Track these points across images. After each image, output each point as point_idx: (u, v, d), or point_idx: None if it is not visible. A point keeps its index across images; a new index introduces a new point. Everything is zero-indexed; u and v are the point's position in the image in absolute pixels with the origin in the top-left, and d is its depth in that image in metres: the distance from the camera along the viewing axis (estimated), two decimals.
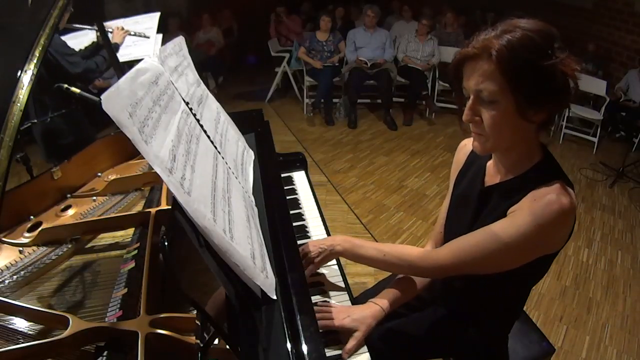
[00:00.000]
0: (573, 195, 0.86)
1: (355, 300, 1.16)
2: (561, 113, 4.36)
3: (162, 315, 0.92)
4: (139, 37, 2.54)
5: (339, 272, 1.24)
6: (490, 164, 1.02)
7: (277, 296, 0.91)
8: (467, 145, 1.12)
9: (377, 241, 2.85)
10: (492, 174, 1.00)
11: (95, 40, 2.47)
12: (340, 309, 1.06)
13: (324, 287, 1.18)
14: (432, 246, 1.22)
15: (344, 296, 1.16)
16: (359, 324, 1.02)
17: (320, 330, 0.99)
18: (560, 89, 0.81)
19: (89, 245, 1.27)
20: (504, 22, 0.82)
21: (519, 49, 0.78)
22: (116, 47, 2.43)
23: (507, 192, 0.93)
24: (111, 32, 2.45)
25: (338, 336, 1.03)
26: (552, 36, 0.81)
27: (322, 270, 1.24)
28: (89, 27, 2.39)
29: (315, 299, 1.13)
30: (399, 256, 1.07)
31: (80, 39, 2.49)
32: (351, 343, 0.99)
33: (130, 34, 2.51)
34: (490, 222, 0.92)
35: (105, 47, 2.16)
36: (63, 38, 2.29)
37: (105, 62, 2.38)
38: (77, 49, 2.39)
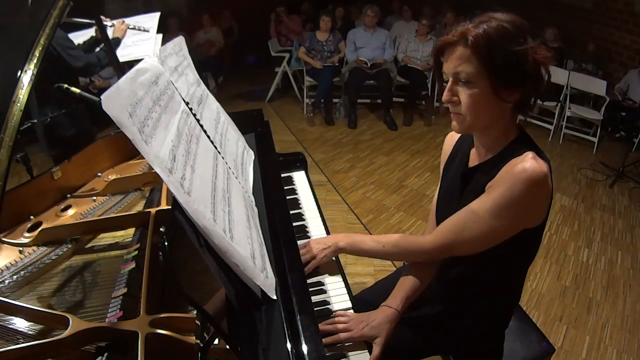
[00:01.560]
0: (545, 164, 0.89)
1: (355, 300, 1.16)
2: (561, 113, 4.39)
3: (162, 315, 0.92)
4: (139, 31, 2.53)
5: (339, 272, 1.24)
6: (473, 149, 1.07)
7: (277, 296, 0.91)
8: (453, 136, 1.18)
9: None
10: (474, 157, 1.06)
11: (94, 35, 2.47)
12: (356, 318, 1.06)
13: (323, 286, 1.18)
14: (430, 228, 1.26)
15: (344, 296, 1.16)
16: (378, 330, 1.03)
17: (347, 344, 1.02)
18: (532, 72, 0.87)
19: (89, 245, 1.27)
20: (481, 15, 0.90)
21: (494, 35, 0.85)
22: (117, 41, 2.43)
23: (486, 170, 0.98)
24: (112, 27, 2.45)
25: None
26: (524, 27, 0.88)
27: (322, 269, 1.24)
28: (88, 21, 2.39)
29: (316, 299, 1.13)
30: (396, 244, 1.12)
31: (80, 34, 2.49)
32: (376, 350, 1.01)
33: (130, 28, 2.51)
34: (471, 200, 0.97)
35: (104, 43, 2.15)
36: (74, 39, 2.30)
37: (107, 57, 2.37)
38: (76, 43, 2.39)
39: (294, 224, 1.34)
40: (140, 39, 2.57)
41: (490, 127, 0.96)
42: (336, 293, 1.17)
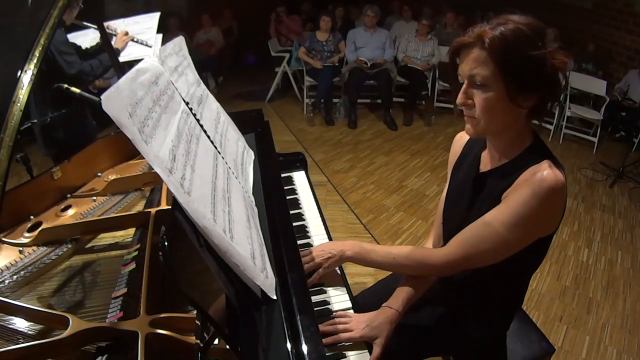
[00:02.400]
0: (562, 172, 0.89)
1: (355, 300, 1.16)
2: (561, 113, 4.38)
3: (162, 315, 0.92)
4: (141, 45, 2.50)
5: (339, 272, 1.23)
6: (484, 152, 1.05)
7: (277, 296, 0.91)
8: (462, 137, 1.15)
9: (377, 242, 2.85)
10: (486, 161, 1.04)
11: (99, 41, 2.45)
12: (357, 319, 1.04)
13: (323, 286, 1.18)
14: (432, 240, 1.25)
15: (344, 296, 1.16)
16: (379, 331, 1.02)
17: (348, 344, 1.01)
18: (549, 78, 0.85)
19: (89, 245, 1.27)
20: (498, 17, 0.88)
21: (511, 38, 0.83)
22: (117, 52, 2.41)
23: (500, 176, 0.96)
24: (115, 35, 2.44)
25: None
26: (542, 30, 0.86)
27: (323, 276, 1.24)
28: (91, 25, 2.37)
29: (316, 299, 1.13)
30: (408, 257, 1.08)
31: (86, 37, 2.48)
32: (376, 351, 1.00)
33: (133, 40, 2.49)
34: (485, 207, 0.95)
35: (105, 49, 2.15)
36: (70, 35, 2.28)
37: (101, 66, 2.34)
38: (82, 47, 2.38)
39: (294, 224, 1.34)
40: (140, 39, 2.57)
41: (504, 131, 0.94)
42: (336, 293, 1.17)
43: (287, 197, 1.45)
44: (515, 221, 0.88)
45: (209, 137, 1.04)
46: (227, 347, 0.78)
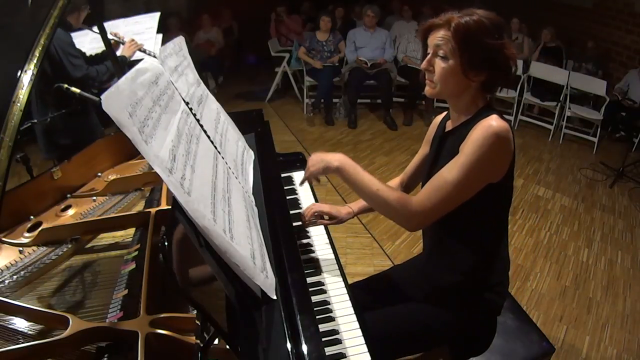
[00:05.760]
0: (506, 123, 1.04)
1: (351, 295, 1.17)
2: (561, 113, 4.39)
3: (162, 315, 0.92)
4: (147, 55, 2.42)
5: (339, 272, 1.24)
6: (449, 121, 1.23)
7: (277, 296, 0.91)
8: (437, 119, 1.33)
9: (377, 241, 2.85)
10: (450, 124, 1.22)
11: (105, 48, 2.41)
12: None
13: (323, 286, 1.18)
14: (399, 180, 1.46)
15: (344, 296, 1.16)
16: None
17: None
18: (499, 63, 1.04)
19: (89, 245, 1.27)
20: (466, 9, 1.06)
21: (472, 26, 1.03)
22: (124, 60, 2.38)
23: (458, 132, 1.13)
24: (122, 43, 2.40)
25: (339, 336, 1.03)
26: (501, 25, 1.06)
27: (322, 269, 1.24)
28: (97, 31, 2.34)
29: (316, 298, 1.13)
30: (390, 193, 1.11)
31: (92, 44, 2.46)
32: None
33: (140, 50, 2.43)
34: (448, 160, 1.08)
35: (108, 54, 2.13)
36: (76, 39, 2.26)
37: (107, 72, 2.30)
38: (88, 54, 2.36)
39: (294, 224, 1.34)
40: (140, 39, 2.56)
41: (458, 96, 1.12)
42: (336, 293, 1.17)
43: (287, 197, 1.45)
44: (467, 164, 1.01)
45: (209, 137, 1.04)
46: (227, 347, 0.78)
